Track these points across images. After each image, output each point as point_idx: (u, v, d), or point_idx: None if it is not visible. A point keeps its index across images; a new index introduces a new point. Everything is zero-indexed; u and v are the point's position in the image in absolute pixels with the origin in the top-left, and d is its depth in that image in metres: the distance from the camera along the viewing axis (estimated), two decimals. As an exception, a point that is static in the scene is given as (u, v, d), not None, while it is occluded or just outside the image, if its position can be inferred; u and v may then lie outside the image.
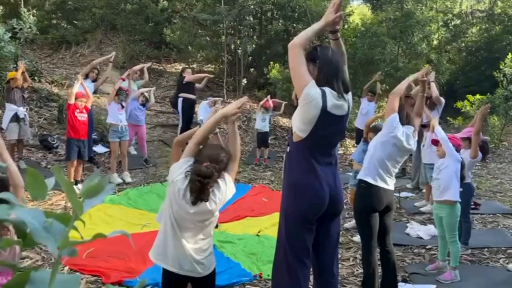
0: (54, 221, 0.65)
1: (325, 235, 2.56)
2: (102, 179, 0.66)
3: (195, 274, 2.26)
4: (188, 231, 2.26)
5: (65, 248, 0.59)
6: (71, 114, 5.75)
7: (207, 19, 10.62)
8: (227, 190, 2.29)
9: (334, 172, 2.51)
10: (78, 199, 0.63)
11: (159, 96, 11.61)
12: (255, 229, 4.71)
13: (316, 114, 2.31)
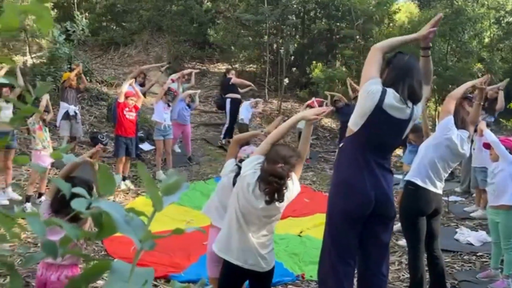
0: (133, 215, 0.69)
1: (372, 238, 2.51)
2: (180, 177, 0.69)
3: (258, 268, 2.31)
4: (253, 225, 2.31)
5: (146, 241, 0.62)
6: (120, 113, 5.97)
7: (250, 19, 10.69)
8: (294, 189, 2.34)
9: (386, 176, 2.45)
10: (159, 195, 0.66)
11: (202, 96, 11.80)
12: (297, 229, 4.70)
13: (370, 108, 2.30)
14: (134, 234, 0.65)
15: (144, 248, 0.63)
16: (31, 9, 0.69)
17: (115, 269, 0.66)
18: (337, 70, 10.19)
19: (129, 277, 0.63)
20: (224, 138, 8.56)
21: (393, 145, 2.52)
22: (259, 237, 2.33)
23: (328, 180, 6.88)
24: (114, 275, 0.64)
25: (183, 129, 7.34)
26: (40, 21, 0.71)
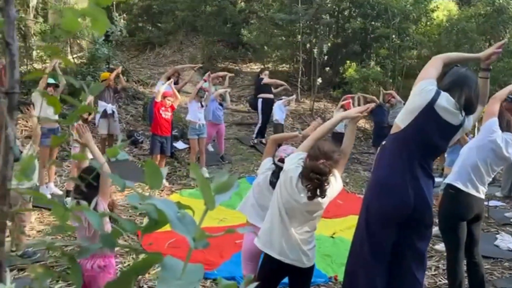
0: (186, 213, 0.70)
1: (408, 246, 2.43)
2: (231, 176, 0.69)
3: (299, 264, 2.32)
4: (295, 220, 2.32)
5: (200, 240, 0.63)
6: (157, 112, 6.10)
7: (284, 19, 10.67)
8: (336, 186, 2.35)
9: (427, 181, 2.38)
10: (211, 193, 0.67)
11: (235, 95, 11.91)
12: (330, 231, 4.66)
13: (421, 105, 2.26)
14: (186, 231, 0.66)
15: (198, 247, 0.64)
16: (88, 12, 0.71)
17: (166, 265, 0.68)
18: (371, 70, 10.02)
19: (182, 273, 0.65)
20: (256, 137, 8.59)
21: (439, 148, 2.44)
22: (302, 233, 2.34)
23: (362, 182, 6.78)
24: (166, 272, 0.65)
25: (218, 128, 7.44)
26: (96, 24, 0.74)
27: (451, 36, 10.16)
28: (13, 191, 2.46)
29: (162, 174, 0.82)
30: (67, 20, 0.65)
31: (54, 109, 0.67)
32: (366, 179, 6.92)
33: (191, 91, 8.46)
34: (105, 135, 6.90)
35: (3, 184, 0.60)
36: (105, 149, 6.81)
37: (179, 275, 0.65)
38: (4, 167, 0.59)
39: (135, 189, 0.83)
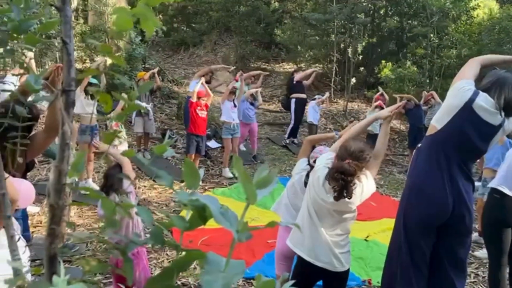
0: (228, 207, 0.72)
1: (448, 253, 2.36)
2: (272, 171, 0.70)
3: (330, 267, 2.28)
4: (325, 221, 2.29)
5: (244, 232, 0.64)
6: (193, 111, 6.21)
7: (319, 18, 10.58)
8: (368, 187, 2.30)
9: (467, 185, 2.30)
10: (253, 188, 0.67)
11: (267, 95, 11.93)
12: (363, 234, 4.58)
13: (458, 105, 2.21)
14: (229, 225, 0.67)
15: (241, 239, 0.65)
16: (139, 12, 0.73)
17: (209, 260, 0.69)
18: (408, 70, 9.77)
19: (225, 268, 0.66)
20: (288, 138, 8.57)
21: (479, 149, 2.35)
22: (333, 236, 2.30)
23: (397, 184, 6.63)
24: (209, 266, 0.67)
25: (250, 127, 7.47)
26: (145, 23, 0.76)
27: (493, 35, 9.77)
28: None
29: (199, 174, 0.84)
30: (120, 20, 0.67)
31: (105, 106, 0.70)
32: (401, 181, 6.77)
33: (223, 90, 8.54)
34: (141, 133, 7.07)
35: (60, 179, 0.63)
36: (140, 147, 6.99)
37: (222, 268, 0.67)
38: (61, 162, 0.62)
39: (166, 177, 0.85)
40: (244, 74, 7.68)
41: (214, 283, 0.58)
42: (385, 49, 11.59)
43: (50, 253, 0.64)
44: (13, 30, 1.23)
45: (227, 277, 0.59)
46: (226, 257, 1.58)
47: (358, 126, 2.51)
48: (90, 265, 0.68)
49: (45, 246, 0.66)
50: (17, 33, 1.24)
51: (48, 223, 0.65)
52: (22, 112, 1.23)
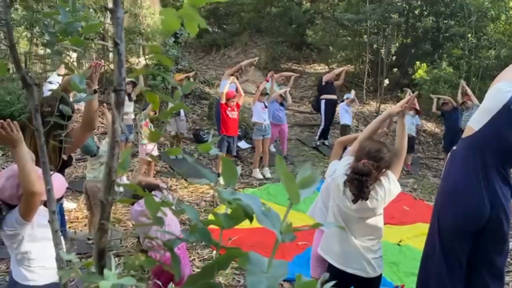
0: (270, 208, 0.72)
1: (485, 261, 2.27)
2: (315, 171, 0.69)
3: (363, 273, 2.24)
4: (353, 227, 2.25)
5: (287, 233, 0.64)
6: (224, 113, 6.25)
7: (352, 19, 10.45)
8: (391, 188, 2.23)
9: (505, 188, 2.20)
10: (296, 188, 0.67)
11: (297, 96, 11.88)
12: (396, 238, 4.49)
13: (496, 107, 2.13)
14: (272, 225, 0.67)
15: (285, 240, 0.65)
16: (185, 13, 0.75)
17: (252, 259, 0.69)
18: (444, 71, 9.50)
19: (267, 268, 0.66)
20: (319, 139, 8.51)
21: None
22: (364, 241, 2.25)
23: (431, 189, 6.46)
24: (252, 265, 0.67)
25: (280, 128, 7.46)
26: (190, 24, 0.77)
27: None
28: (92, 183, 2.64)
29: (237, 172, 0.84)
30: (167, 20, 0.68)
31: (153, 105, 0.71)
32: (435, 185, 6.58)
33: (253, 91, 8.57)
34: (174, 133, 7.20)
35: (109, 175, 0.65)
36: (173, 147, 7.11)
37: (264, 268, 0.67)
38: (111, 160, 0.64)
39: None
40: (275, 74, 7.67)
41: (259, 284, 0.58)
42: (420, 50, 11.31)
43: (99, 247, 0.66)
44: (60, 32, 1.28)
45: (271, 278, 0.59)
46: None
47: (370, 126, 2.42)
48: (140, 260, 0.70)
49: (95, 241, 0.69)
50: (64, 35, 1.29)
51: (98, 218, 0.68)
52: (68, 111, 1.28)
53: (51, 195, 1.34)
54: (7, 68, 5.52)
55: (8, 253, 3.97)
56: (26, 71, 1.27)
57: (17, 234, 1.96)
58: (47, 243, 2.02)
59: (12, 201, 1.95)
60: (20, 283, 2.02)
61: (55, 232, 1.31)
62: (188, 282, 0.83)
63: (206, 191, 5.89)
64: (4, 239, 2.03)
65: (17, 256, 2.00)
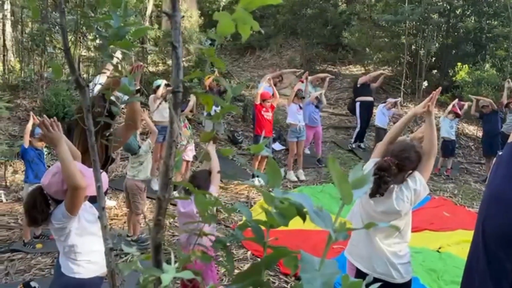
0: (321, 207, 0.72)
1: None
2: (368, 172, 0.69)
3: (389, 278, 2.20)
4: (380, 231, 2.22)
5: (341, 232, 0.64)
6: (258, 114, 6.30)
7: (390, 20, 10.25)
8: (418, 190, 2.18)
9: None
10: (349, 187, 0.68)
11: (333, 98, 11.76)
12: (435, 245, 4.36)
13: None
14: (324, 224, 0.68)
15: (338, 239, 0.65)
16: (239, 16, 0.77)
17: (304, 258, 0.70)
18: (487, 73, 9.15)
19: (319, 266, 0.66)
20: (354, 142, 8.39)
21: None
22: (390, 245, 2.21)
23: (472, 194, 6.23)
24: (305, 264, 0.68)
25: (315, 131, 7.42)
26: (242, 27, 0.79)
27: None
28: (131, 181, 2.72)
29: (281, 173, 0.86)
30: (222, 24, 0.70)
31: (207, 106, 0.74)
32: (477, 191, 6.35)
33: (288, 93, 8.55)
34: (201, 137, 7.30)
35: (166, 173, 0.67)
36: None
37: (316, 267, 0.67)
38: (168, 158, 0.67)
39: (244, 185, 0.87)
40: (309, 76, 7.64)
41: (313, 280, 0.59)
42: (461, 51, 10.93)
43: (156, 242, 0.69)
44: (112, 36, 1.34)
45: (325, 276, 0.60)
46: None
47: (395, 127, 2.39)
48: (196, 255, 0.72)
49: (151, 236, 0.72)
50: (115, 39, 1.35)
51: (155, 214, 0.70)
52: (117, 112, 1.33)
53: (101, 192, 1.40)
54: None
55: (52, 247, 4.16)
56: (79, 73, 1.34)
57: (64, 228, 2.05)
58: (93, 238, 2.10)
59: (58, 196, 2.05)
60: (66, 275, 2.12)
61: (104, 228, 1.37)
62: (237, 280, 0.85)
63: (241, 191, 5.94)
64: (53, 232, 2.14)
65: (65, 249, 2.10)
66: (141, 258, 0.75)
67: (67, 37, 1.30)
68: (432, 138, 2.26)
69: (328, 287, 0.58)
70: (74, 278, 2.10)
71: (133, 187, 4.24)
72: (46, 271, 3.84)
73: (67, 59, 1.31)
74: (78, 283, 2.10)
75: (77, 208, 2.03)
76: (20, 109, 7.48)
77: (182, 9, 9.97)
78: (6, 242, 4.35)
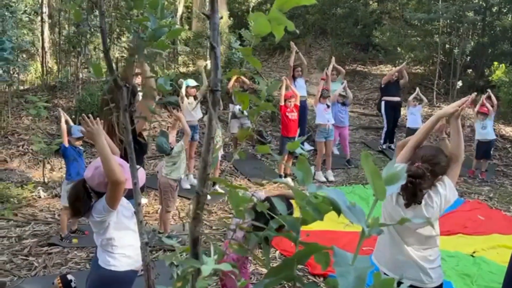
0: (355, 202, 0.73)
1: None
2: (401, 168, 0.70)
3: (419, 283, 2.16)
4: (407, 236, 2.18)
5: (374, 227, 0.65)
6: (283, 115, 6.33)
7: (422, 18, 10.02)
8: (448, 195, 2.13)
9: None
10: (382, 183, 0.68)
11: (362, 98, 11.61)
12: (469, 249, 4.24)
13: None
14: (357, 219, 0.69)
15: (371, 234, 0.66)
16: (274, 17, 0.79)
17: (337, 253, 0.71)
18: (525, 72, 8.80)
19: (352, 261, 0.68)
20: (384, 143, 8.24)
21: None
22: (420, 250, 2.17)
23: (509, 198, 6.02)
24: (338, 258, 0.69)
25: (341, 131, 7.30)
26: (276, 28, 0.81)
27: None
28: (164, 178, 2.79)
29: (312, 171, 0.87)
30: (258, 24, 0.73)
31: (243, 105, 0.76)
32: (514, 195, 6.13)
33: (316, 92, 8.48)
34: (236, 134, 7.36)
35: (205, 169, 0.70)
36: (237, 147, 7.27)
37: (349, 261, 0.69)
38: (206, 154, 0.70)
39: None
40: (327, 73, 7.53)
41: (347, 274, 0.60)
42: (498, 50, 10.55)
43: (194, 236, 0.72)
44: (149, 37, 1.39)
45: (359, 270, 0.61)
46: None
47: (420, 131, 2.29)
48: (233, 247, 0.75)
49: (189, 229, 0.75)
50: (152, 40, 1.39)
51: (193, 208, 0.73)
52: (154, 111, 1.38)
53: (137, 189, 1.45)
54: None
55: (87, 242, 4.30)
56: (117, 73, 1.39)
57: (104, 221, 2.14)
58: (129, 233, 2.17)
59: (100, 188, 2.14)
60: (103, 267, 2.20)
61: (140, 223, 1.42)
62: (269, 274, 0.87)
63: (273, 190, 5.95)
64: (93, 225, 2.23)
65: (102, 242, 2.18)
66: (181, 250, 0.78)
67: (107, 38, 1.35)
68: (460, 143, 2.19)
69: (361, 281, 0.59)
70: (110, 271, 2.18)
71: (166, 185, 4.35)
72: (82, 265, 3.98)
73: (106, 60, 1.37)
74: (114, 276, 2.18)
75: (117, 201, 2.11)
76: (57, 109, 7.78)
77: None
78: (44, 236, 4.54)
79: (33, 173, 6.32)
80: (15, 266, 3.95)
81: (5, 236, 4.52)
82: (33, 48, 10.06)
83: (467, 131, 8.65)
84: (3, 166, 6.42)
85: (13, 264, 3.98)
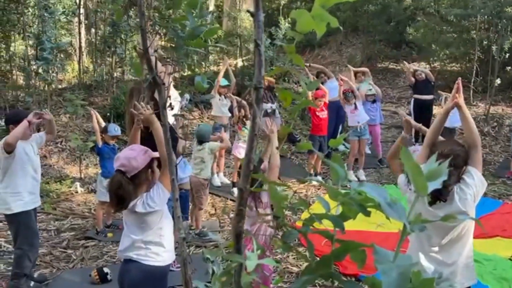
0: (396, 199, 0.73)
1: None
2: (442, 164, 0.69)
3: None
4: (436, 236, 2.15)
5: (416, 223, 0.65)
6: (313, 114, 6.31)
7: (460, 14, 9.71)
8: (477, 184, 2.11)
9: None
10: (424, 179, 0.67)
11: (395, 96, 11.38)
12: (508, 252, 4.10)
13: None
14: (398, 216, 0.69)
15: (413, 230, 0.66)
16: (317, 14, 0.79)
17: (378, 251, 0.71)
18: None
19: (394, 259, 0.67)
20: (416, 141, 8.03)
21: None
22: (446, 249, 2.14)
23: (549, 199, 5.76)
24: (379, 256, 0.69)
25: (372, 129, 7.17)
26: (318, 25, 0.81)
27: None
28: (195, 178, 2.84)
29: (345, 169, 0.87)
30: (303, 21, 0.73)
31: (285, 102, 0.77)
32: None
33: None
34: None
35: (248, 165, 0.71)
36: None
37: (390, 259, 0.68)
38: (250, 151, 0.71)
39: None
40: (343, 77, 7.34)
41: (389, 271, 0.60)
42: (540, 46, 10.09)
43: (237, 231, 0.73)
44: (188, 36, 1.41)
45: (401, 267, 0.61)
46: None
47: (433, 127, 2.32)
48: (277, 245, 0.76)
49: (232, 225, 0.76)
50: (191, 38, 1.42)
51: (237, 204, 0.75)
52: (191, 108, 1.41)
53: (175, 184, 1.49)
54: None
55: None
56: (156, 72, 1.43)
57: (159, 210, 2.19)
58: (169, 224, 2.23)
59: (140, 163, 2.14)
60: (145, 264, 2.20)
61: (178, 218, 1.45)
62: (307, 272, 0.87)
63: (299, 190, 5.94)
64: (140, 221, 2.20)
65: (148, 236, 2.19)
66: (225, 246, 0.79)
67: (146, 38, 1.38)
68: (471, 128, 2.23)
69: (405, 278, 0.59)
70: (156, 266, 2.19)
71: (197, 184, 4.43)
72: (116, 258, 4.10)
73: (146, 59, 1.41)
74: (160, 270, 2.22)
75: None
76: (93, 107, 8.03)
77: (242, 9, 10.14)
78: (81, 230, 4.70)
79: (70, 169, 6.56)
80: (54, 258, 4.11)
81: (45, 229, 4.72)
82: (71, 48, 10.42)
83: (505, 130, 8.33)
84: (43, 162, 6.70)
85: (52, 256, 4.15)
